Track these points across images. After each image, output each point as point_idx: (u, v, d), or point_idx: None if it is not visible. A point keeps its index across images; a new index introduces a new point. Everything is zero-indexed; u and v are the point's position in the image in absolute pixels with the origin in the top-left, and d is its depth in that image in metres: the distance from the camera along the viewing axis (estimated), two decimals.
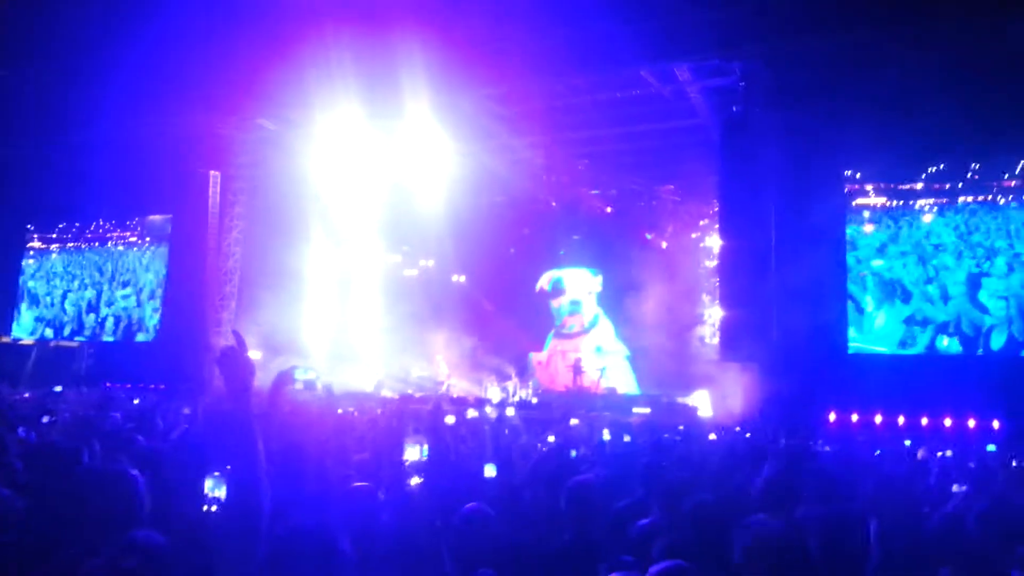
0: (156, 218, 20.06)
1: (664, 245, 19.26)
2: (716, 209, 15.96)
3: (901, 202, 13.99)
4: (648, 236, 19.35)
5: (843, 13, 11.41)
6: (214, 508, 3.71)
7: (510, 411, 11.75)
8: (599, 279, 20.09)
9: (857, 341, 13.85)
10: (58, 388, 10.71)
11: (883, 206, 14.16)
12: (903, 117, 12.24)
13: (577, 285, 20.41)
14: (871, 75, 12.12)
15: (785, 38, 12.16)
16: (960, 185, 13.55)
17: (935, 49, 11.65)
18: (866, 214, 14.27)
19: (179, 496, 4.00)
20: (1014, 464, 6.92)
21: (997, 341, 12.93)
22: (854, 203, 14.23)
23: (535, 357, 20.00)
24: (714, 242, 16.81)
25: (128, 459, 4.93)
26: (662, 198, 19.13)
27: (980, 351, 12.97)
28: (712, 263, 17.26)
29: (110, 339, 19.69)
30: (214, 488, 3.82)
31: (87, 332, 20.26)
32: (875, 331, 13.80)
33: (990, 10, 10.72)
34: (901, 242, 13.99)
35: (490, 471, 5.15)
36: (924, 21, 11.05)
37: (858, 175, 14.23)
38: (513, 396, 16.65)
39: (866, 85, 12.19)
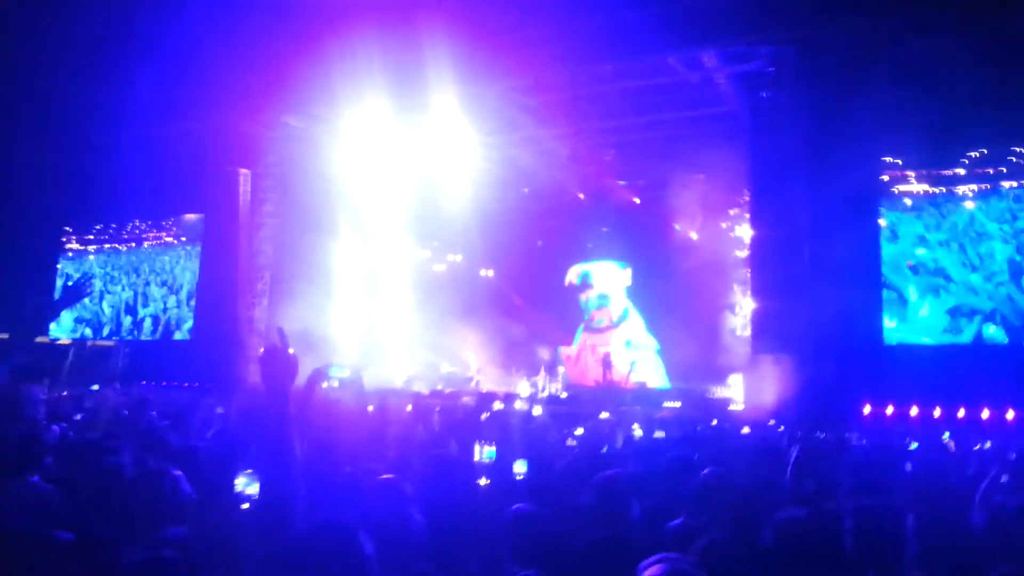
0: (191, 217, 20.30)
1: (694, 235, 19.07)
2: (747, 198, 15.76)
3: (943, 189, 13.64)
4: (677, 227, 19.17)
5: None
6: (246, 506, 3.74)
7: (537, 409, 11.72)
8: (628, 272, 19.97)
9: (901, 332, 13.56)
10: (95, 387, 10.92)
11: (925, 193, 13.83)
12: (940, 100, 11.93)
13: (605, 279, 20.30)
14: (904, 57, 11.84)
15: (814, 20, 11.94)
16: (1005, 170, 13.19)
17: (971, 29, 11.38)
18: (907, 201, 13.95)
19: (212, 494, 4.04)
20: None
21: None
22: (895, 189, 13.92)
23: (564, 351, 19.96)
24: (745, 231, 16.61)
25: (162, 457, 5.01)
26: (691, 187, 18.92)
27: None
28: (743, 253, 17.05)
29: (147, 338, 19.99)
30: (246, 486, 3.84)
31: (124, 333, 20.58)
32: (919, 321, 13.49)
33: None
34: (944, 230, 13.63)
35: (519, 467, 5.13)
36: (959, 6, 10.79)
37: (899, 161, 13.92)
38: (542, 391, 16.63)
39: (899, 68, 11.91)
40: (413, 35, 13.20)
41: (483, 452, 5.11)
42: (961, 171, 13.47)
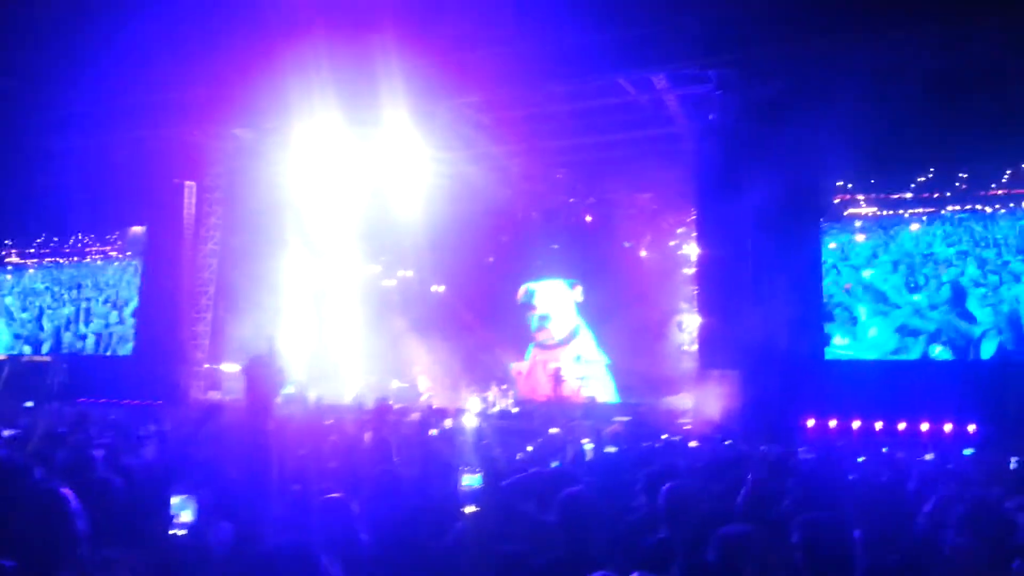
0: (136, 231, 19.76)
1: (643, 253, 19.30)
2: (693, 217, 16.02)
3: (890, 212, 14.07)
4: (627, 244, 19.38)
5: (819, 20, 11.49)
6: (182, 532, 3.63)
7: (474, 421, 11.67)
8: (578, 289, 20.04)
9: (852, 350, 13.87)
10: (29, 403, 10.49)
11: (873, 215, 14.25)
12: (887, 125, 12.29)
13: (548, 297, 20.36)
14: (850, 83, 12.19)
15: (760, 46, 12.24)
16: (948, 194, 13.68)
17: (917, 56, 11.73)
18: (857, 223, 14.36)
19: (148, 515, 3.90)
20: (1013, 466, 6.93)
21: (987, 350, 13.00)
22: (845, 212, 14.33)
23: (515, 367, 19.94)
24: (692, 249, 16.86)
25: (91, 476, 4.83)
26: (640, 206, 19.18)
27: (971, 358, 13.06)
28: (690, 271, 17.31)
29: (89, 353, 19.36)
30: (179, 508, 3.73)
31: (65, 349, 19.90)
32: (868, 340, 13.85)
33: (972, 17, 10.82)
34: (891, 252, 14.08)
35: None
36: (903, 28, 11.14)
37: (849, 185, 14.32)
38: (493, 406, 16.57)
39: (845, 93, 12.23)
40: (365, 48, 13.14)
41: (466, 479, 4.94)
42: (908, 195, 13.92)
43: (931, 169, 13.63)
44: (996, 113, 11.67)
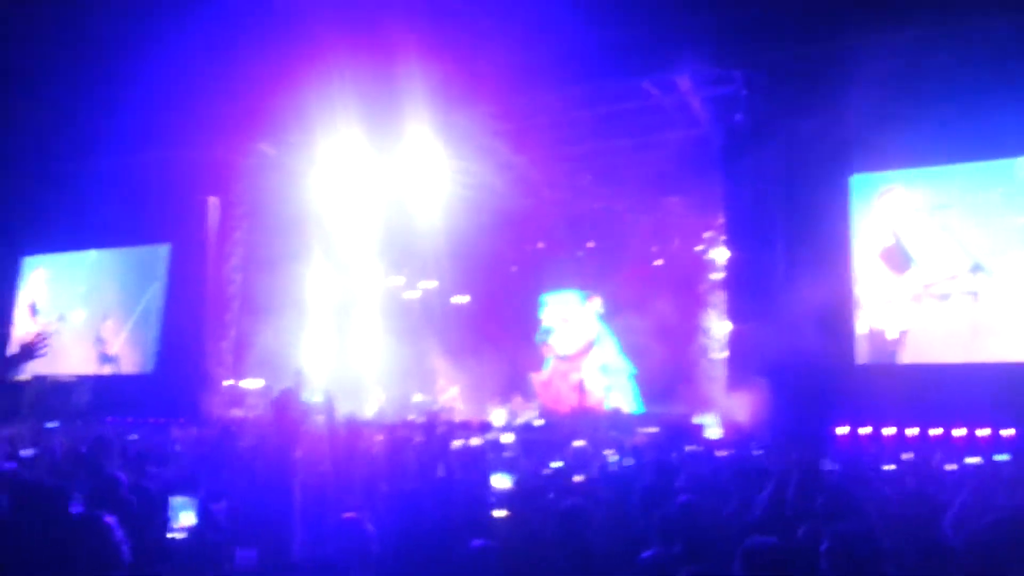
0: (159, 247, 19.92)
1: (667, 260, 19.07)
2: (722, 220, 15.78)
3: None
4: (653, 249, 19.17)
5: (839, 19, 11.35)
6: (181, 536, 3.61)
7: (508, 436, 11.58)
8: (596, 301, 19.88)
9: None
10: (53, 424, 10.55)
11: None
12: (911, 120, 12.13)
13: (554, 311, 20.26)
14: (875, 80, 12.01)
15: (784, 45, 12.08)
16: (967, 187, 13.32)
17: (936, 50, 11.62)
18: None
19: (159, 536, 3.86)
20: None
21: None
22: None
23: (536, 378, 19.80)
24: (720, 254, 16.63)
25: (118, 497, 4.80)
26: (667, 210, 18.95)
27: None
28: (718, 276, 17.05)
29: (108, 371, 19.50)
30: (180, 511, 3.71)
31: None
32: None
33: (983, 9, 10.70)
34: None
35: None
36: (923, 23, 11.00)
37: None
38: (517, 418, 16.45)
39: (870, 90, 12.07)
40: (386, 61, 13.16)
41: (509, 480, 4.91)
42: (930, 189, 13.59)
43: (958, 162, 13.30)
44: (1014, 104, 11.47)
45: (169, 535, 3.93)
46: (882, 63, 11.57)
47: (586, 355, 19.85)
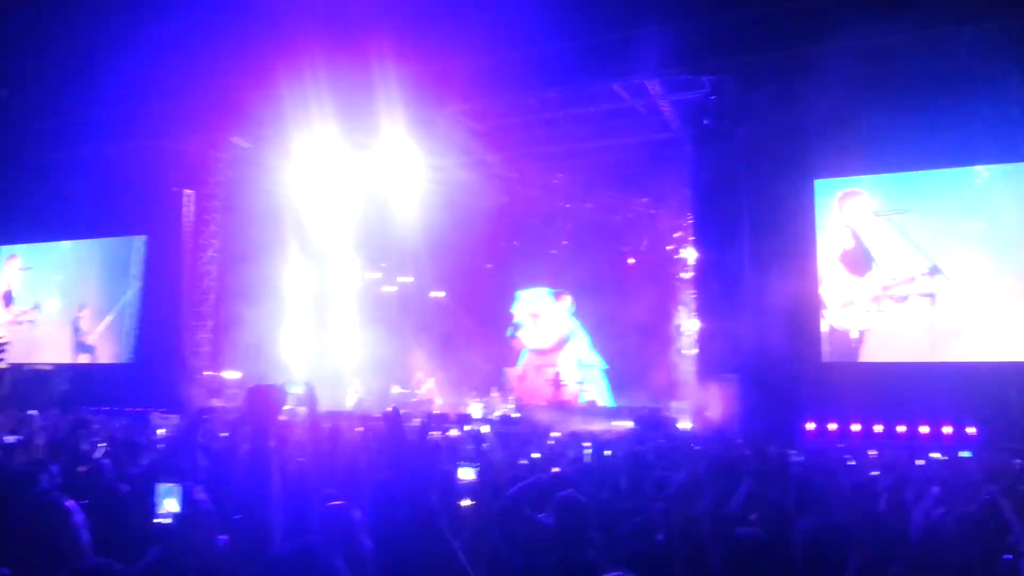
0: (134, 238, 19.77)
1: (637, 259, 19.36)
2: (691, 221, 16.08)
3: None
4: (624, 249, 19.44)
5: (806, 27, 11.63)
6: (167, 520, 3.67)
7: (485, 427, 11.73)
8: (566, 299, 20.13)
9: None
10: (32, 412, 10.51)
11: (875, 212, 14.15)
12: (874, 127, 12.47)
13: (524, 307, 20.54)
14: (840, 87, 12.34)
15: (751, 52, 12.36)
16: (927, 192, 13.69)
17: (899, 59, 11.98)
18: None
19: (142, 523, 3.93)
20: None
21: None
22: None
23: (511, 372, 19.98)
24: (689, 253, 16.92)
25: (94, 485, 4.86)
26: (637, 211, 19.24)
27: None
28: (688, 275, 17.36)
29: (85, 361, 19.36)
30: (164, 496, 3.77)
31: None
32: None
33: (949, 18, 11.02)
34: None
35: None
36: (887, 32, 11.29)
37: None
38: (494, 411, 16.62)
39: (835, 97, 12.39)
40: (362, 58, 13.23)
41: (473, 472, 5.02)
42: (891, 196, 13.93)
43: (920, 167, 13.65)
44: (971, 113, 11.81)
45: (155, 520, 3.96)
46: (847, 70, 11.91)
47: (560, 350, 20.09)
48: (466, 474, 4.93)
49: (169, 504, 3.93)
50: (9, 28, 13.83)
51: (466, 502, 4.61)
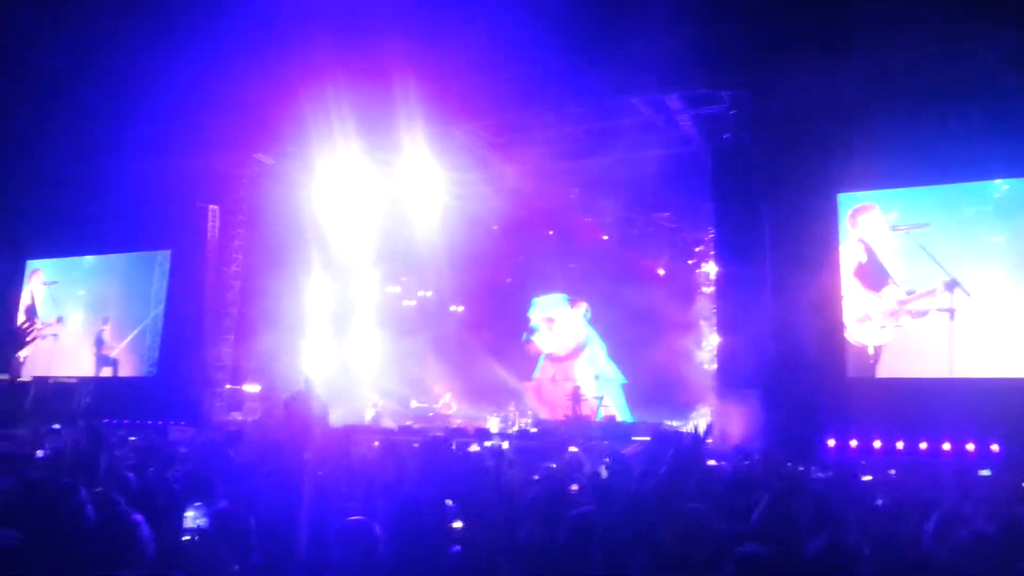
0: (159, 253, 20.06)
1: (661, 272, 19.33)
2: (711, 235, 16.04)
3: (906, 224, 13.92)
4: (645, 263, 19.42)
5: (825, 41, 11.64)
6: (195, 538, 3.72)
7: (504, 444, 11.75)
8: (582, 306, 20.11)
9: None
10: (56, 426, 10.65)
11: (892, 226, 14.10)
12: (894, 141, 12.42)
13: (539, 311, 20.52)
14: (859, 101, 12.33)
15: (770, 65, 12.37)
16: (945, 206, 13.59)
17: (919, 72, 11.95)
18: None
19: (168, 536, 4.00)
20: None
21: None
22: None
23: (528, 385, 19.97)
24: (710, 268, 16.87)
25: (122, 497, 4.94)
26: (658, 225, 19.21)
27: None
28: (709, 289, 17.30)
29: (107, 374, 19.60)
30: (195, 519, 3.83)
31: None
32: None
33: (967, 31, 10.99)
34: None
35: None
36: (905, 45, 11.29)
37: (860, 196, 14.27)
38: (512, 426, 16.62)
39: (855, 110, 12.38)
40: (383, 75, 13.38)
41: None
42: (916, 207, 13.84)
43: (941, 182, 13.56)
44: (1000, 123, 11.77)
45: (184, 537, 4.03)
46: (867, 83, 11.90)
47: (576, 358, 20.03)
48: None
49: (195, 520, 3.98)
50: (40, 41, 14.13)
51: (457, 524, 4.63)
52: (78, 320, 20.50)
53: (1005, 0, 10.52)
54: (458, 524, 4.61)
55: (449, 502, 4.74)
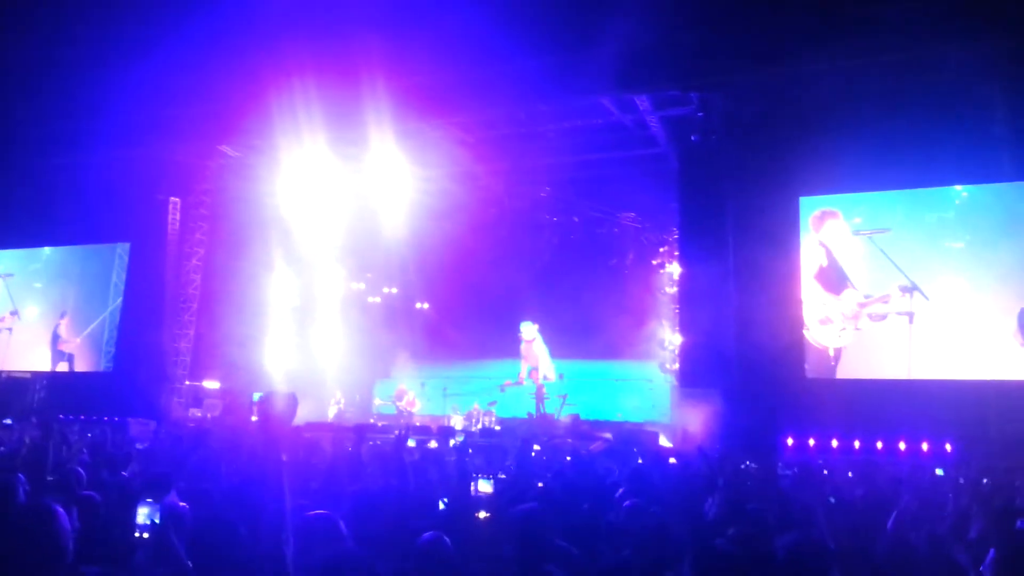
0: (117, 245, 19.64)
1: (622, 272, 19.42)
2: (676, 236, 16.17)
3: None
4: (610, 262, 19.49)
5: (793, 46, 11.80)
6: (145, 535, 3.64)
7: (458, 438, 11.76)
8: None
9: None
10: (7, 420, 10.36)
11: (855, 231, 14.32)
12: (858, 146, 12.63)
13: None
14: (825, 106, 12.52)
15: (740, 69, 12.51)
16: (906, 211, 13.85)
17: (883, 79, 12.18)
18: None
19: (121, 530, 3.91)
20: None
21: None
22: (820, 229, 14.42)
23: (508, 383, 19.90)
24: (674, 269, 17.00)
25: (71, 493, 4.82)
26: (623, 225, 19.31)
27: None
28: (672, 290, 17.45)
29: (63, 369, 19.16)
30: (148, 516, 3.75)
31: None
32: None
33: (934, 39, 11.22)
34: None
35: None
36: (872, 51, 11.48)
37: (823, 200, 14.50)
38: (476, 424, 16.58)
39: (821, 116, 12.57)
40: (351, 68, 13.25)
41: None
42: (873, 213, 14.08)
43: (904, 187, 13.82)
44: (958, 129, 12.03)
45: (136, 534, 3.94)
46: (833, 89, 12.09)
47: (544, 365, 20.04)
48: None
49: (148, 517, 3.89)
50: None
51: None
52: (34, 314, 20.01)
53: (969, 10, 10.74)
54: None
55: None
